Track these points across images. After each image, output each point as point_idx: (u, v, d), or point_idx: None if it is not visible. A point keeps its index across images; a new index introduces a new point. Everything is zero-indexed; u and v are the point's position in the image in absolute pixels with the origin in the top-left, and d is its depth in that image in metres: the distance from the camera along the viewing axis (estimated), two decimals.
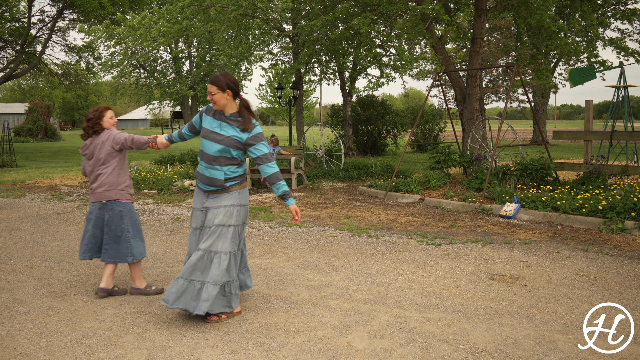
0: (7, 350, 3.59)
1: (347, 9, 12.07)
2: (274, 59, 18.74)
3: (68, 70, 30.07)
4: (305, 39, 14.00)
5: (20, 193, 11.53)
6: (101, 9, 21.20)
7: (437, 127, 24.08)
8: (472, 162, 10.73)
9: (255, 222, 7.94)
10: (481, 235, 6.84)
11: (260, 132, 4.05)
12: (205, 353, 3.50)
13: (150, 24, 13.66)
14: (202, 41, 28.56)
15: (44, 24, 25.00)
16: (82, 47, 26.95)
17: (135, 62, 31.95)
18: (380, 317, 4.07)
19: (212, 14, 13.37)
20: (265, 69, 27.73)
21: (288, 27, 16.23)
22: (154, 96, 36.65)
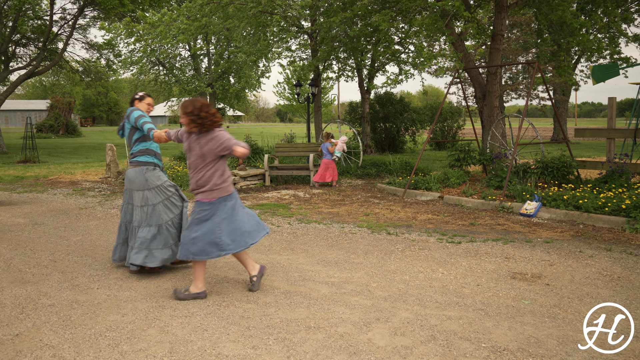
0: (33, 341, 3.66)
1: (366, 6, 12.04)
2: (292, 56, 18.76)
3: (89, 67, 30.38)
4: (324, 35, 14.00)
5: (43, 188, 11.71)
6: (121, 6, 21.37)
7: (455, 124, 23.93)
8: (492, 160, 10.64)
9: (275, 219, 7.97)
10: (502, 234, 6.78)
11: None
12: (226, 347, 3.53)
13: (170, 21, 13.75)
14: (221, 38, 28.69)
15: (66, 21, 25.29)
16: (102, 44, 27.21)
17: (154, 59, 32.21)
18: (400, 315, 4.06)
19: (231, 11, 13.43)
20: (284, 66, 27.77)
21: (306, 24, 16.22)
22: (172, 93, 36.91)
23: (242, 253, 4.61)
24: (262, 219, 7.98)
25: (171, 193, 5.22)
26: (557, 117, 11.46)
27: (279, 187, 11.53)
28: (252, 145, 15.16)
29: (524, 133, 10.03)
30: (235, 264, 5.53)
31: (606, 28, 13.35)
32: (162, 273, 5.23)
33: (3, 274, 5.24)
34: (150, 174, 5.16)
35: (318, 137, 16.95)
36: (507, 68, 26.70)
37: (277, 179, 12.39)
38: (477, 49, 24.56)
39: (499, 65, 11.15)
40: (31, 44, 27.84)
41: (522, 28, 24.45)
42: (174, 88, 36.03)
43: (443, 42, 18.65)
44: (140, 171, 5.15)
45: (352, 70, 19.13)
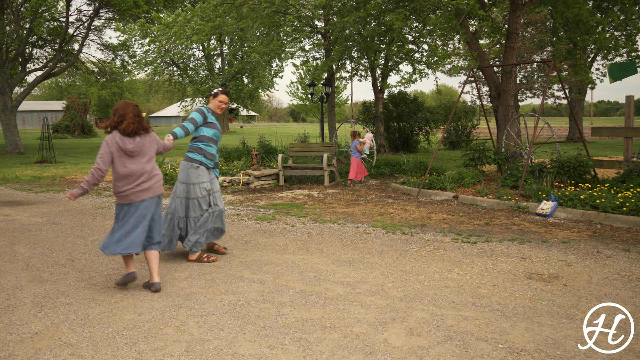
0: (52, 340, 3.70)
1: (380, 5, 12.01)
2: (306, 55, 18.78)
3: (104, 68, 30.68)
4: (338, 35, 13.99)
5: (59, 188, 11.83)
6: (136, 7, 21.54)
7: (469, 124, 23.78)
8: (508, 160, 10.57)
9: (289, 219, 7.98)
10: (517, 234, 6.73)
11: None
12: (242, 347, 3.54)
13: (184, 22, 13.84)
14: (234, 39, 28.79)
15: (81, 23, 25.55)
16: (117, 45, 27.45)
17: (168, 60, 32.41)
18: (416, 315, 4.05)
19: (245, 12, 13.48)
20: (297, 66, 27.80)
21: (320, 24, 16.23)
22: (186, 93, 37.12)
23: None
24: (276, 218, 8.00)
25: (201, 196, 5.58)
26: (574, 116, 11.34)
27: (293, 187, 11.54)
28: (266, 145, 15.20)
29: (540, 132, 9.94)
30: (250, 263, 5.55)
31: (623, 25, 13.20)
32: (178, 273, 5.26)
33: (22, 272, 5.31)
34: (192, 171, 5.56)
35: (332, 137, 16.94)
36: (522, 67, 26.49)
37: (291, 178, 12.41)
38: (491, 47, 24.40)
39: (514, 64, 11.07)
40: (47, 45, 28.15)
41: (537, 26, 24.25)
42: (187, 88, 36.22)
43: (457, 41, 18.56)
44: (186, 166, 5.60)
45: (365, 69, 19.09)
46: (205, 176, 5.61)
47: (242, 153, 15.41)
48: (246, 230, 7.20)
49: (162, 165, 13.87)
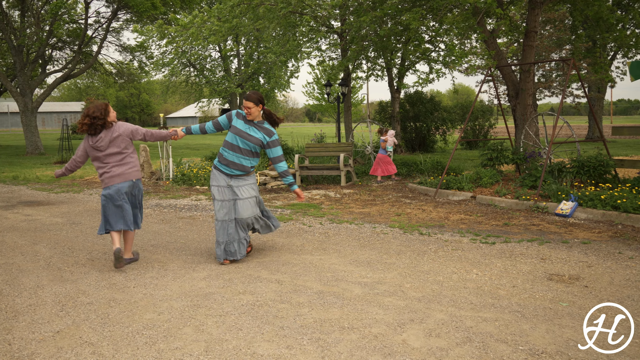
0: (73, 338, 3.74)
1: (396, 5, 11.97)
2: (322, 55, 18.78)
3: (122, 69, 30.98)
4: (354, 35, 13.96)
5: (79, 188, 11.97)
6: (153, 9, 21.72)
7: (487, 123, 23.60)
8: (526, 159, 10.46)
9: (306, 219, 7.99)
10: (537, 234, 6.66)
11: (277, 138, 5.61)
12: (261, 347, 3.55)
13: (201, 23, 13.92)
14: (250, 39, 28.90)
15: (100, 24, 25.83)
16: (135, 46, 27.72)
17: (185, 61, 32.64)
18: (435, 316, 4.03)
19: (261, 12, 13.51)
20: (313, 66, 27.82)
21: (336, 24, 16.21)
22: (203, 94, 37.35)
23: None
24: (293, 219, 8.01)
25: (213, 199, 5.67)
26: (594, 115, 11.20)
27: (310, 187, 11.55)
28: (283, 145, 15.24)
29: (558, 132, 9.82)
30: (268, 263, 5.56)
31: None
32: (197, 273, 5.29)
33: (43, 272, 5.38)
34: (211, 174, 5.73)
35: (348, 137, 16.91)
36: (540, 65, 26.21)
37: (308, 179, 12.42)
38: (509, 46, 24.17)
39: (532, 62, 10.95)
40: (67, 47, 28.52)
41: (556, 24, 23.99)
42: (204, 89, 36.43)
43: (474, 40, 18.42)
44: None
45: (381, 69, 19.04)
46: (214, 180, 5.62)
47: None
48: None
49: (179, 165, 13.98)
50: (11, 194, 11.26)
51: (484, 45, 12.31)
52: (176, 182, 12.42)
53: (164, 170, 13.19)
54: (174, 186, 12.07)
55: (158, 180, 12.93)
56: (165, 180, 12.88)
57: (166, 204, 9.66)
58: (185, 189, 11.58)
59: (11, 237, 7.04)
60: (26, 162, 19.30)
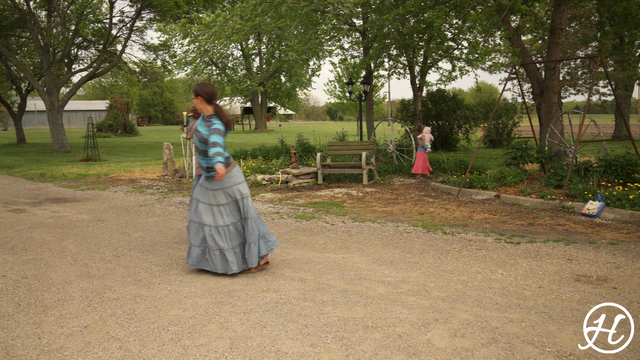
0: (100, 333, 3.80)
1: (419, 2, 11.88)
2: (344, 54, 18.74)
3: (145, 68, 31.33)
4: (377, 33, 13.91)
5: (104, 186, 12.15)
6: (177, 8, 21.92)
7: (510, 122, 23.32)
8: (551, 158, 10.32)
9: (329, 217, 7.99)
10: (563, 234, 6.56)
11: (216, 127, 4.87)
12: (285, 345, 3.56)
13: (224, 22, 13.99)
14: (272, 38, 28.98)
15: (124, 24, 26.16)
16: (158, 45, 28.00)
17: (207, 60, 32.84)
18: (459, 316, 4.00)
19: (284, 10, 13.54)
20: (335, 64, 27.81)
21: (358, 22, 16.17)
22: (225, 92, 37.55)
23: None
24: (315, 217, 8.02)
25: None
26: (621, 113, 10.98)
27: (332, 186, 11.54)
28: (304, 143, 15.25)
29: (584, 130, 9.66)
30: (291, 261, 5.58)
31: None
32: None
33: (71, 267, 5.47)
34: None
35: (370, 135, 16.87)
36: (565, 63, 25.81)
37: (330, 177, 12.41)
38: (533, 43, 23.84)
39: (558, 60, 10.79)
40: (92, 46, 28.95)
41: (582, 21, 23.60)
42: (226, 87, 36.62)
43: (498, 37, 18.21)
44: None
45: (403, 67, 18.93)
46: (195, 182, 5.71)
47: (281, 152, 15.50)
48: (286, 229, 7.24)
49: None
50: (39, 191, 11.47)
51: (508, 42, 12.16)
52: None
53: (187, 168, 13.30)
54: None
55: (181, 178, 13.05)
56: (189, 177, 12.99)
57: (190, 201, 9.74)
58: None
59: (39, 233, 7.18)
60: (53, 160, 19.64)
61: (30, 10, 23.01)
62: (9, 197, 10.57)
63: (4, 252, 6.15)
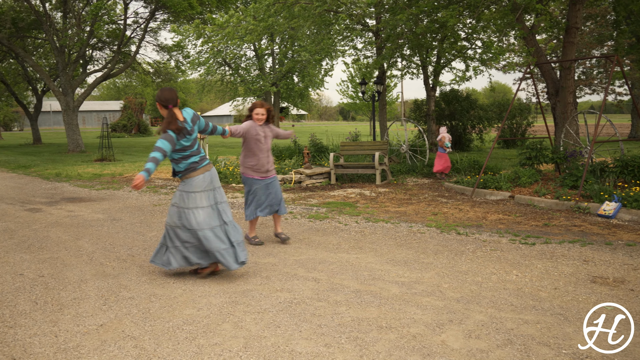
0: (116, 332, 3.83)
1: (432, 2, 11.83)
2: (357, 54, 18.72)
3: (159, 69, 31.51)
4: (390, 33, 13.87)
5: (119, 185, 12.24)
6: (190, 9, 22.04)
7: (524, 122, 23.14)
8: (567, 158, 10.22)
9: (342, 217, 7.98)
10: (578, 235, 6.50)
11: (166, 134, 4.73)
12: (299, 345, 3.56)
13: (237, 22, 14.04)
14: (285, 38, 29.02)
15: (138, 25, 26.35)
16: (172, 46, 28.16)
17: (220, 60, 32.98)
18: (474, 317, 3.97)
19: (297, 11, 13.55)
20: (347, 64, 27.76)
21: (371, 22, 16.14)
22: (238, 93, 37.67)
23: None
24: (329, 217, 8.02)
25: None
26: (638, 113, 10.85)
27: (345, 186, 11.54)
28: (317, 144, 15.25)
29: (600, 131, 9.56)
30: (304, 261, 5.58)
31: None
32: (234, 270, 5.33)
33: (86, 266, 5.52)
34: None
35: (383, 136, 16.83)
36: (580, 62, 25.57)
37: (342, 177, 12.40)
38: (547, 43, 23.63)
39: (573, 59, 10.69)
40: (106, 47, 29.19)
41: (597, 20, 23.35)
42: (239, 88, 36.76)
43: (513, 37, 18.09)
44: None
45: (417, 67, 18.87)
46: None
47: (294, 152, 15.52)
48: (299, 229, 7.25)
49: (215, 163, 14.13)
50: (54, 191, 11.58)
51: (523, 42, 12.06)
52: None
53: None
54: None
55: None
56: None
57: None
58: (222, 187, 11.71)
59: (55, 232, 7.25)
60: (68, 160, 19.84)
61: (46, 12, 23.26)
62: (26, 197, 10.69)
63: (21, 251, 6.22)
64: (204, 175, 5.00)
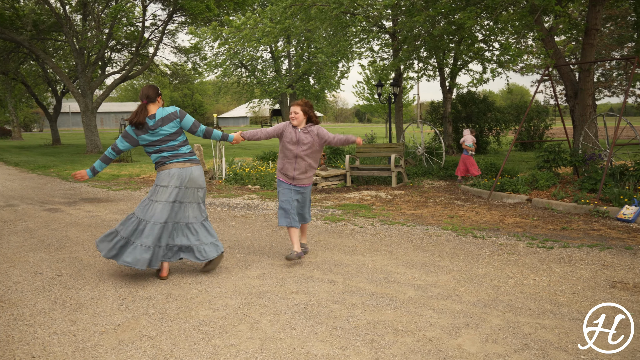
0: (133, 332, 3.86)
1: (450, 4, 11.78)
2: (373, 56, 18.69)
3: (176, 71, 31.78)
4: (407, 35, 13.84)
5: (136, 186, 12.36)
6: (208, 11, 22.21)
7: (542, 124, 22.94)
8: (585, 162, 10.10)
9: (357, 220, 7.97)
10: (597, 240, 6.42)
11: (124, 130, 5.15)
12: (315, 347, 3.56)
13: (254, 25, 14.11)
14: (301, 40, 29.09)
15: (156, 27, 26.61)
16: (189, 48, 28.38)
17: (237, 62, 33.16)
18: (491, 321, 3.94)
19: (313, 13, 13.57)
20: (363, 66, 27.75)
21: (388, 24, 16.11)
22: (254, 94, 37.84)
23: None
24: (344, 219, 8.02)
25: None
26: None
27: (360, 188, 11.52)
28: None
29: (620, 133, 9.44)
30: (320, 263, 5.58)
31: None
32: (250, 271, 5.36)
33: (104, 267, 5.58)
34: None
35: (399, 138, 16.79)
36: (600, 64, 25.26)
37: (358, 179, 12.39)
38: (566, 44, 23.39)
39: (592, 61, 10.57)
40: (125, 49, 29.50)
41: (617, 21, 23.06)
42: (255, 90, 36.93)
43: (531, 39, 17.93)
44: (201, 169, 5.28)
45: (433, 69, 18.80)
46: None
47: None
48: (315, 231, 7.25)
49: (232, 164, 14.20)
50: (73, 191, 11.73)
51: (541, 43, 11.95)
52: (228, 181, 12.64)
53: (217, 169, 13.44)
54: (227, 185, 12.29)
55: (211, 180, 13.19)
56: (218, 179, 13.12)
57: (219, 202, 9.84)
58: (238, 188, 11.77)
59: (74, 232, 7.34)
60: (86, 160, 20.07)
61: (66, 14, 23.58)
62: (45, 197, 10.84)
63: (40, 250, 6.30)
64: (170, 171, 5.04)
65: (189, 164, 5.10)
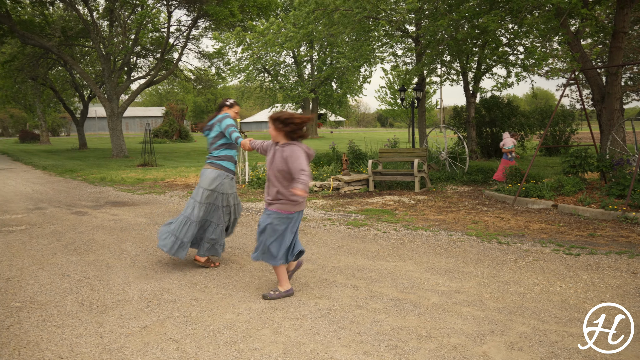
0: (158, 334, 3.91)
1: (474, 7, 11.70)
2: (396, 60, 18.66)
3: (200, 76, 32.11)
4: (430, 39, 13.78)
5: (160, 190, 12.51)
6: (232, 16, 22.42)
7: (568, 129, 22.59)
8: (613, 167, 9.93)
9: (380, 225, 7.95)
10: (626, 247, 6.30)
11: None
12: (338, 352, 3.56)
13: (278, 30, 14.19)
14: (324, 45, 29.14)
15: (180, 32, 26.94)
16: (213, 53, 28.67)
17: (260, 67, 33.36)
18: (517, 328, 3.89)
19: (336, 18, 13.60)
20: (386, 71, 27.70)
21: (411, 28, 16.06)
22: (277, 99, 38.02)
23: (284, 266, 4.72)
24: (367, 224, 8.00)
25: (231, 205, 5.69)
26: None
27: (383, 193, 11.48)
28: (356, 150, 15.24)
29: None
30: (343, 268, 5.58)
31: None
32: (273, 275, 5.37)
33: (130, 269, 5.66)
34: (228, 181, 5.59)
35: (422, 143, 16.70)
36: (627, 68, 24.81)
37: (381, 184, 12.35)
38: (593, 48, 23.04)
39: (620, 64, 10.39)
40: (150, 54, 29.92)
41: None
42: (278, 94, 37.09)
43: (556, 42, 17.71)
44: (221, 175, 5.53)
45: (457, 73, 18.68)
46: (234, 187, 5.76)
47: (332, 158, 15.55)
48: (338, 236, 7.25)
49: (255, 168, 14.28)
50: (99, 195, 11.92)
51: (567, 47, 11.80)
52: (252, 185, 12.71)
53: (240, 173, 13.53)
54: (250, 189, 12.36)
55: (236, 183, 13.28)
56: (242, 183, 13.21)
57: (243, 206, 9.90)
58: (261, 192, 11.82)
59: (100, 235, 7.46)
60: (112, 165, 20.38)
61: (93, 21, 24.02)
62: (72, 200, 11.04)
63: (68, 253, 6.42)
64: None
65: (207, 166, 5.63)
